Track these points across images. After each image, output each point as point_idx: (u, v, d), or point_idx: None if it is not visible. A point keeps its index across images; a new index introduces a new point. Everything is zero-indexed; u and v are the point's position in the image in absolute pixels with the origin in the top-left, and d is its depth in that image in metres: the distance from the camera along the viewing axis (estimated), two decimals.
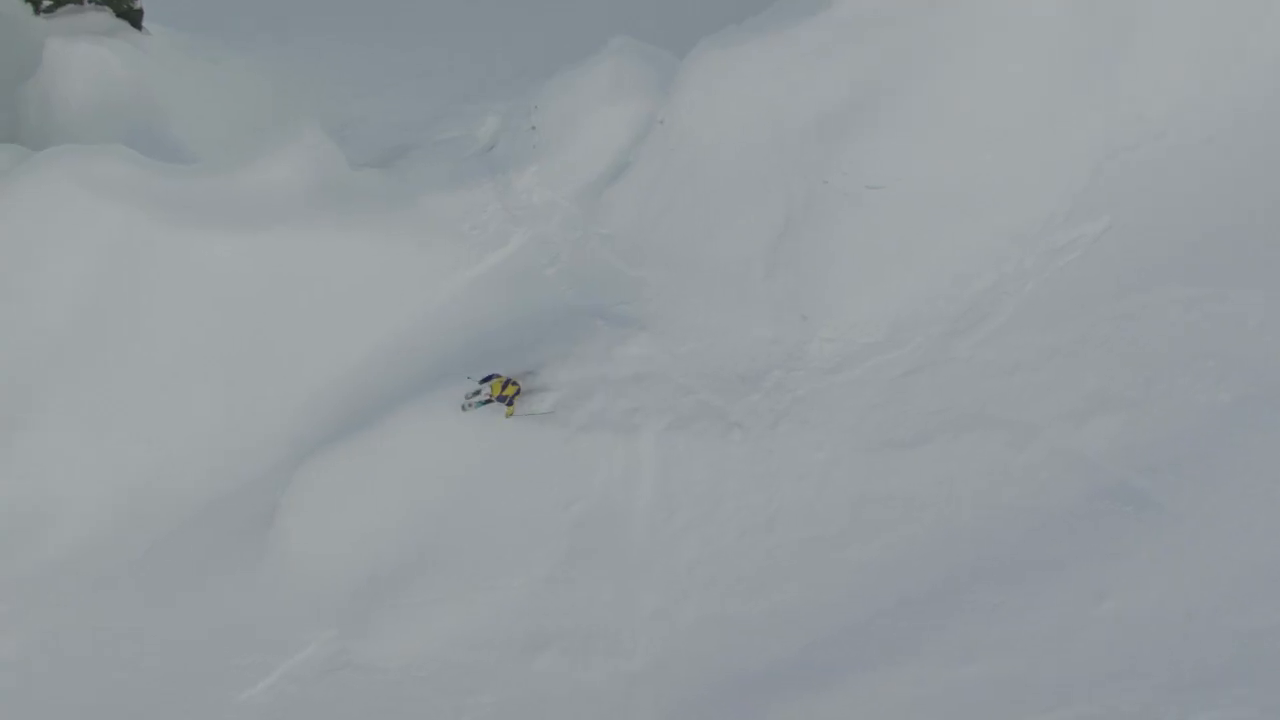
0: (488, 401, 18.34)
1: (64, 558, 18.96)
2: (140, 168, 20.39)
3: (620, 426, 18.07)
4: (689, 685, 15.90)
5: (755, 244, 19.05)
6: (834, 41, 19.36)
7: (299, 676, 17.23)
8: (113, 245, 19.69)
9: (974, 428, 16.81)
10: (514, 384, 18.16)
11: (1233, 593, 13.96)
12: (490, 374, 18.54)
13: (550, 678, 16.72)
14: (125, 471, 19.42)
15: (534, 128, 22.39)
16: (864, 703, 14.65)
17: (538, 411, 18.32)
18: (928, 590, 15.64)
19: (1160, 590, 14.29)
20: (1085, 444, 16.11)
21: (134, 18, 26.63)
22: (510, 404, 18.09)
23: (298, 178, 20.55)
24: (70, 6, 26.89)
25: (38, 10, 26.54)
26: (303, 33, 30.04)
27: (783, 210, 19.01)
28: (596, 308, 19.58)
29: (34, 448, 19.33)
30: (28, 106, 25.19)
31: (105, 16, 26.67)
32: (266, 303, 19.92)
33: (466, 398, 18.41)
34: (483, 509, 18.06)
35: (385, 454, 18.50)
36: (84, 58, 24.19)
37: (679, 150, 20.12)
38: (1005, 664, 14.29)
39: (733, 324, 18.87)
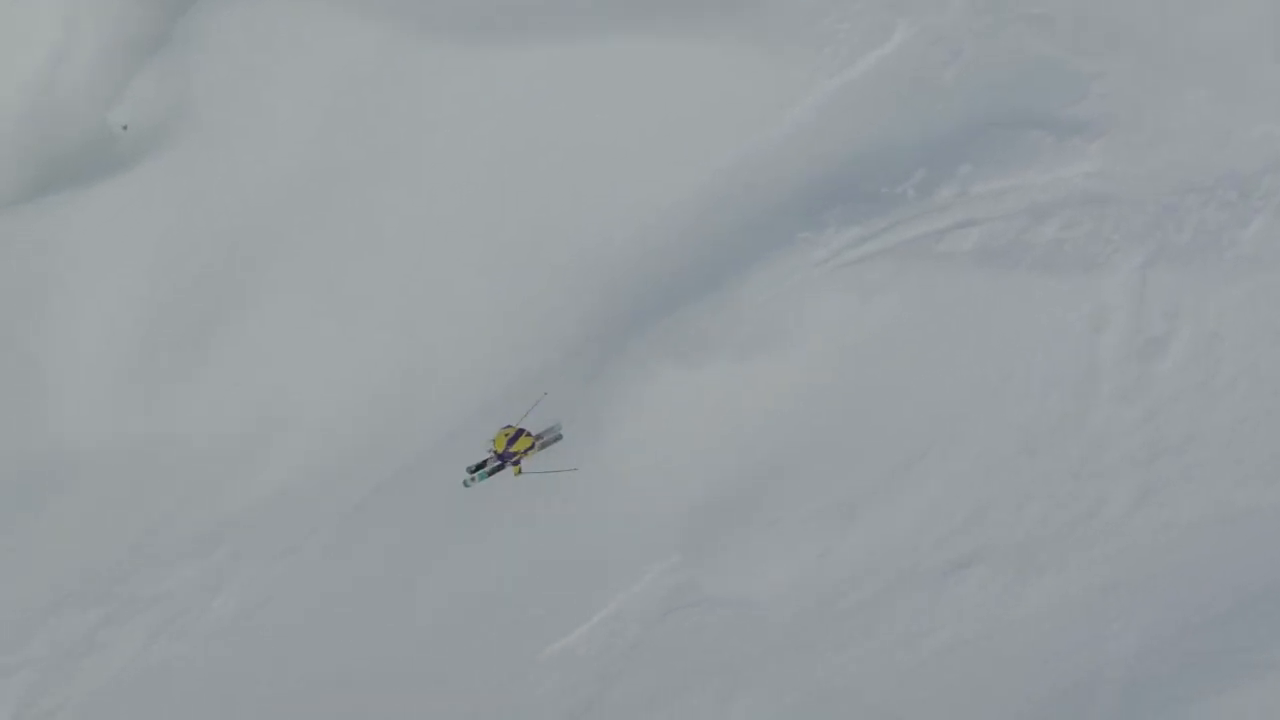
0: (491, 469, 20.63)
1: (295, 482, 22.20)
2: None
3: (1078, 264, 20.28)
4: (1181, 605, 18.04)
5: (1262, 11, 21.22)
6: None
7: (635, 616, 20.01)
8: (363, 72, 22.69)
9: None
10: (528, 436, 20.26)
11: None
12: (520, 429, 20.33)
13: (973, 604, 18.98)
14: (373, 368, 22.48)
15: None
16: None
17: (560, 470, 20.40)
18: None
19: None
20: None
21: None
22: (517, 464, 20.35)
23: None
24: None
25: None
26: None
27: None
28: (1028, 114, 21.93)
29: (256, 340, 22.47)
30: None
31: None
32: (562, 138, 22.83)
33: (469, 471, 20.66)
34: (863, 395, 20.51)
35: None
36: None
37: None
38: None
39: (1229, 120, 20.93)
